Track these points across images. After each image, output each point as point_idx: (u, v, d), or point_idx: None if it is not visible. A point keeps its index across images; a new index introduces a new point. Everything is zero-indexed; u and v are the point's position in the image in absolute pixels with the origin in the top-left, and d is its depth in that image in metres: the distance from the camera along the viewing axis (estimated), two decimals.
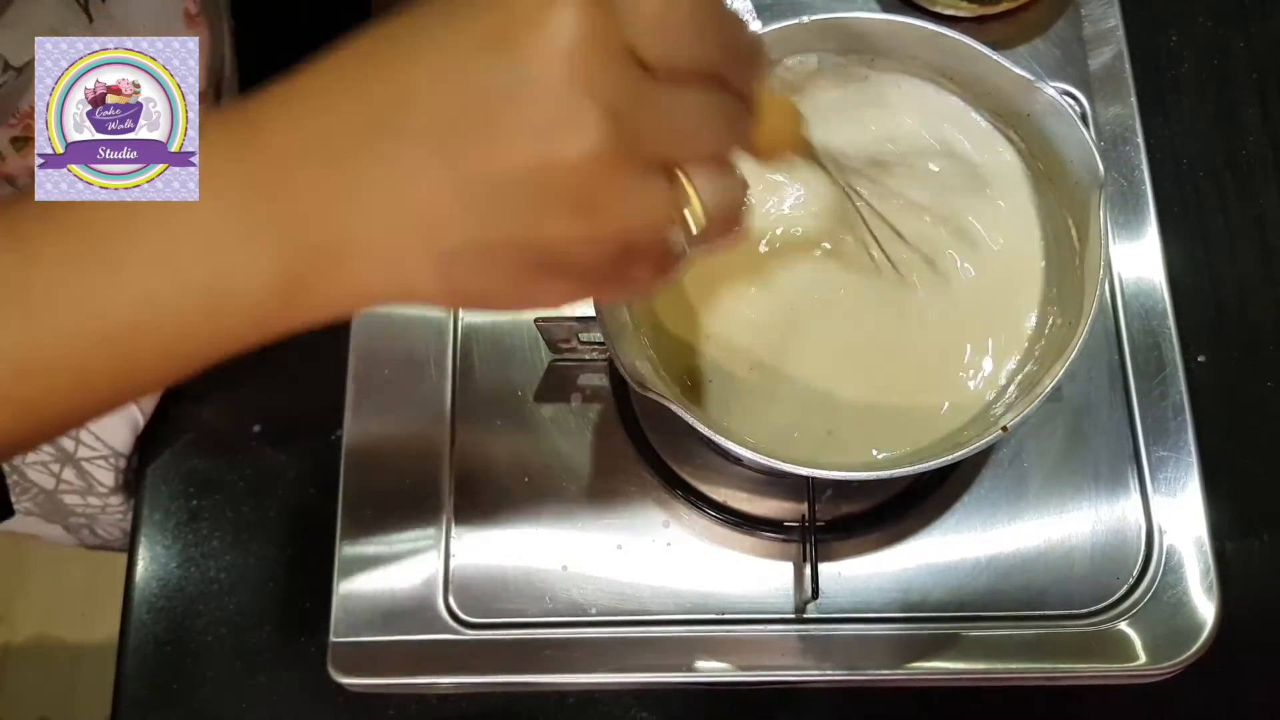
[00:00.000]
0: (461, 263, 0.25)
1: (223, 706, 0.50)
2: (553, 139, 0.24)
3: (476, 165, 0.24)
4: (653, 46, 0.25)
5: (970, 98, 0.45)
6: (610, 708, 0.49)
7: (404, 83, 0.25)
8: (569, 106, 0.24)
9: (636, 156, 0.25)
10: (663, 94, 0.25)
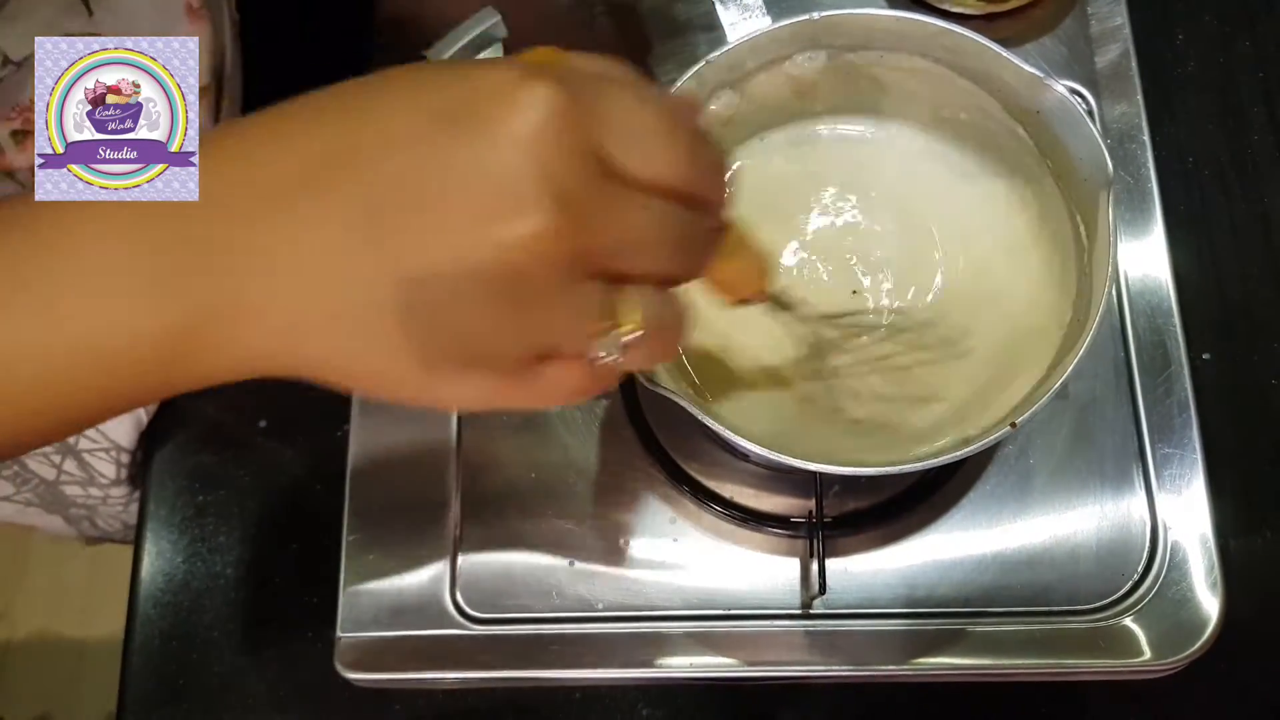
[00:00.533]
0: (363, 340, 0.23)
1: (229, 702, 0.50)
2: (492, 220, 0.22)
3: (403, 238, 0.22)
4: (624, 151, 0.23)
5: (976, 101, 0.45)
6: (616, 703, 0.49)
7: (346, 143, 0.23)
8: (518, 190, 0.22)
9: (578, 257, 0.23)
10: (622, 199, 0.23)
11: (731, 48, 0.43)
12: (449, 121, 0.22)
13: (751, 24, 0.44)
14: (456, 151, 0.22)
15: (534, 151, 0.22)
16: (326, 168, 0.23)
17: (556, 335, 0.24)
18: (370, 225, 0.22)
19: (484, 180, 0.22)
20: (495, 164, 0.22)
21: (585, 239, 0.23)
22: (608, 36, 0.57)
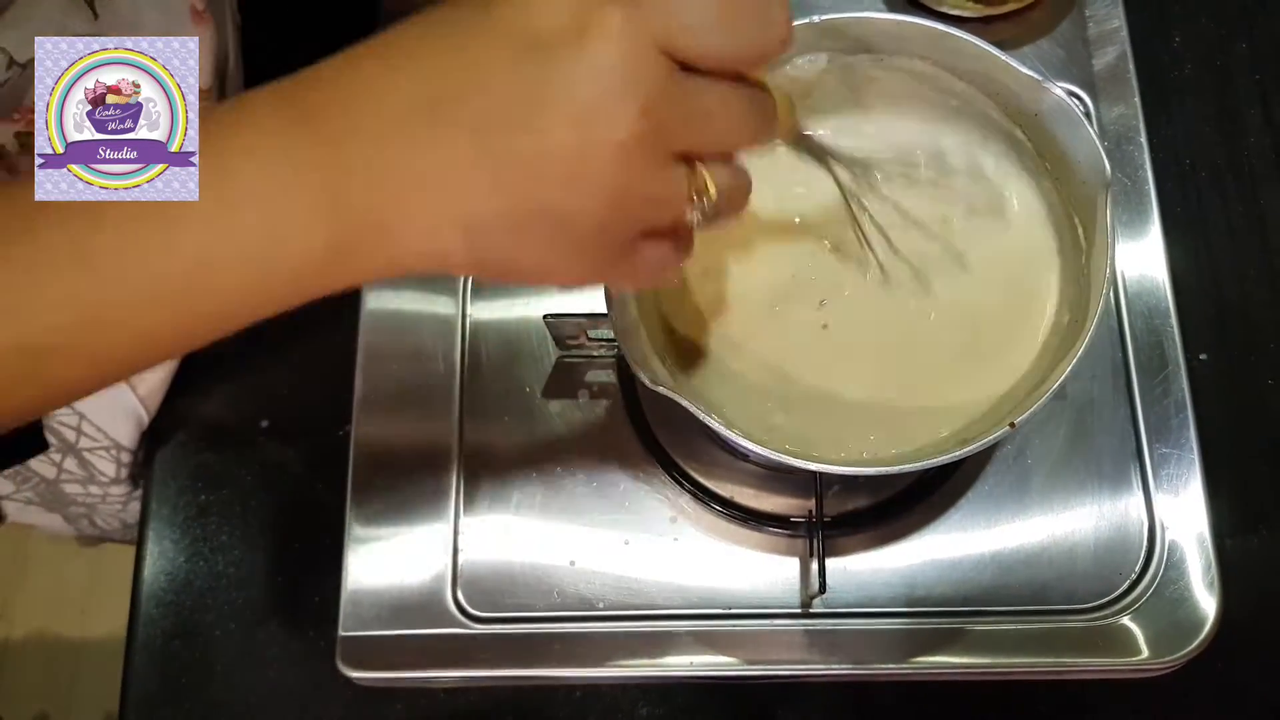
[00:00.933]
0: (491, 235, 0.27)
1: (231, 701, 0.50)
2: (589, 128, 0.26)
3: (513, 148, 0.26)
4: (689, 45, 0.27)
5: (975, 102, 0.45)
6: (617, 702, 0.49)
7: (450, 76, 0.26)
8: (608, 102, 0.26)
9: (663, 148, 0.27)
10: (691, 92, 0.27)
11: None
12: (536, 52, 0.26)
13: None
14: (548, 75, 0.26)
15: (615, 68, 0.25)
16: (436, 100, 0.26)
17: (654, 213, 0.28)
18: (486, 142, 0.26)
19: (577, 97, 0.26)
20: (584, 83, 0.26)
21: (669, 132, 0.27)
22: None
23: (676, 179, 0.28)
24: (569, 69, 0.26)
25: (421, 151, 0.26)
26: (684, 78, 0.27)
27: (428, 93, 0.26)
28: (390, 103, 0.27)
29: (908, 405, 0.45)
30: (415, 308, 0.53)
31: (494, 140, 0.26)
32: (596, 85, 0.26)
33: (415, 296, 0.54)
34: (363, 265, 0.28)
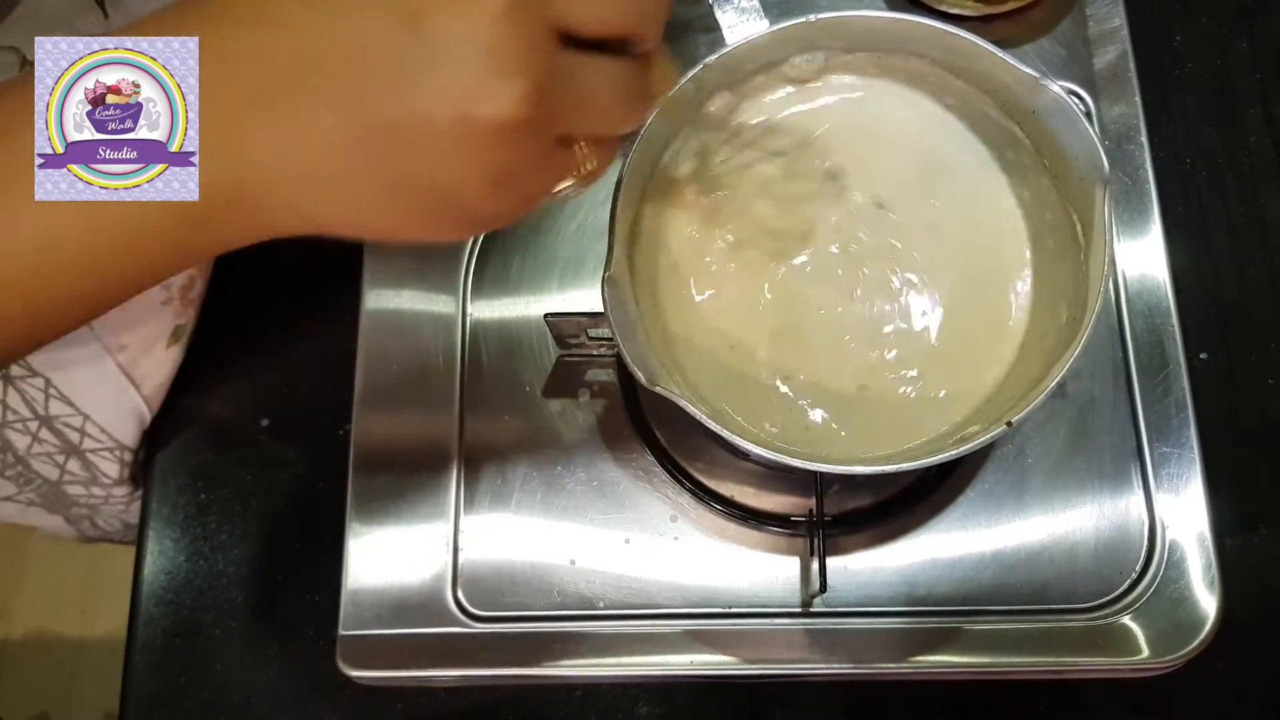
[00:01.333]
0: (359, 205, 0.27)
1: (231, 699, 0.50)
2: (468, 106, 0.24)
3: (386, 121, 0.25)
4: (573, 16, 0.26)
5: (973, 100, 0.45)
6: (617, 700, 0.49)
7: (323, 42, 0.25)
8: (489, 81, 0.24)
9: (545, 130, 0.26)
10: (575, 71, 0.26)
11: (730, 50, 0.43)
12: (415, 19, 0.24)
13: (749, 26, 0.44)
14: (427, 48, 0.24)
15: (499, 44, 0.24)
16: (310, 65, 0.25)
17: (531, 187, 0.28)
18: (356, 114, 0.25)
19: (456, 73, 0.24)
20: (465, 59, 0.24)
21: (551, 114, 0.26)
22: None
23: (555, 159, 0.28)
24: (449, 43, 0.24)
25: (288, 122, 0.25)
26: (568, 55, 0.26)
27: (299, 60, 0.25)
28: (256, 66, 0.25)
29: (906, 403, 0.45)
30: (415, 307, 0.53)
31: (365, 112, 0.25)
32: (478, 62, 0.24)
33: (415, 296, 0.54)
34: (223, 234, 0.27)
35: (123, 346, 0.48)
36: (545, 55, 0.25)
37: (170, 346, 0.51)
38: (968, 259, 0.47)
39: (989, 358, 0.45)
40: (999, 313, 0.46)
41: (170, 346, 0.51)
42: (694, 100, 0.44)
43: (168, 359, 0.51)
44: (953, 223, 0.47)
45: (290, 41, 0.25)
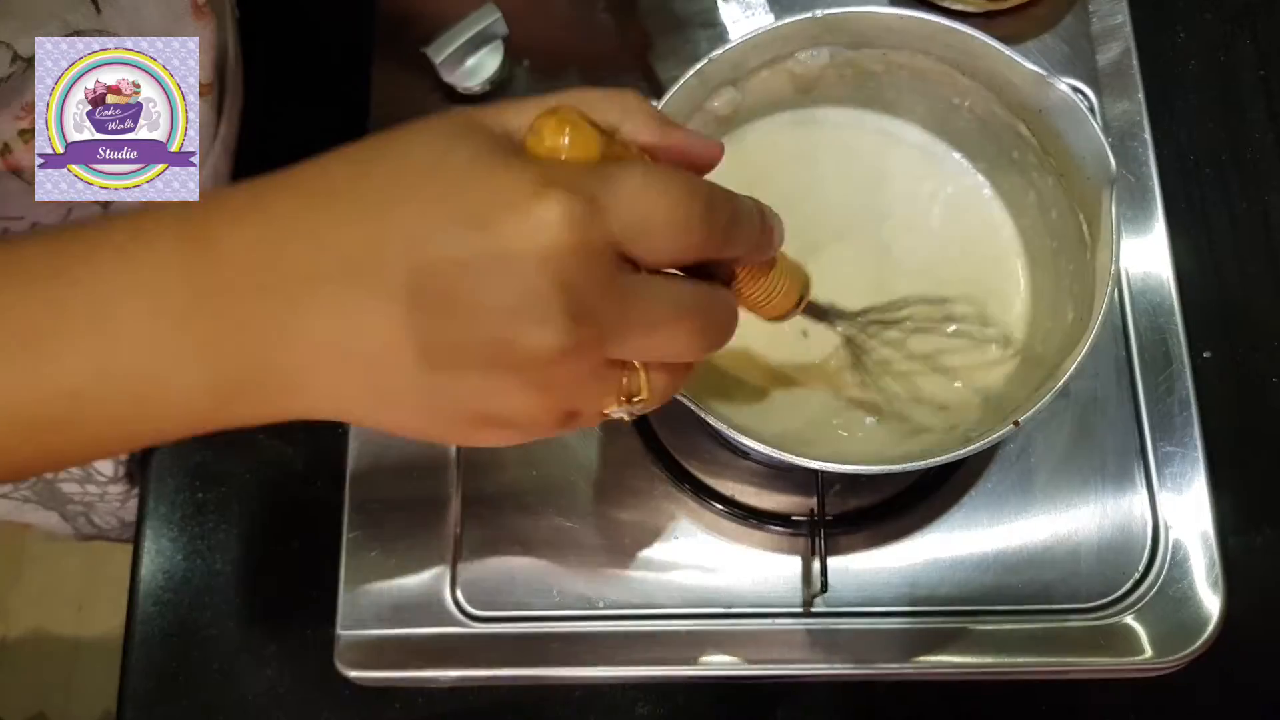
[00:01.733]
0: (403, 409, 0.26)
1: (228, 699, 0.50)
2: (520, 327, 0.24)
3: (439, 332, 0.24)
4: (634, 243, 0.24)
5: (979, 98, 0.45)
6: (617, 701, 0.49)
7: (375, 235, 0.24)
8: (540, 301, 0.23)
9: (598, 355, 0.25)
10: (636, 296, 0.25)
11: (734, 45, 0.43)
12: (468, 228, 0.23)
13: (753, 21, 0.44)
14: (478, 260, 0.23)
15: (553, 264, 0.23)
16: (357, 261, 0.24)
17: (575, 411, 0.26)
18: (408, 319, 0.24)
19: (508, 291, 0.23)
20: (516, 278, 0.23)
21: (603, 341, 0.25)
22: (608, 34, 0.57)
23: (607, 383, 0.26)
24: (501, 258, 0.23)
25: (333, 318, 0.24)
26: (630, 280, 0.24)
27: (348, 253, 0.24)
28: (304, 255, 0.24)
29: (910, 402, 0.45)
30: None
31: (419, 318, 0.24)
32: (524, 283, 0.23)
33: None
34: (254, 414, 0.26)
35: None
36: (597, 284, 0.24)
37: None
38: (970, 261, 0.47)
39: (995, 359, 0.45)
40: (1004, 314, 0.46)
41: None
42: (698, 95, 0.44)
43: None
44: (956, 226, 0.47)
45: (347, 234, 0.24)
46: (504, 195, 0.23)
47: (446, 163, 0.24)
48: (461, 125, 0.25)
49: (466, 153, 0.24)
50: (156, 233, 0.25)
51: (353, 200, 0.24)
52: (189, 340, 0.25)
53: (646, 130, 0.27)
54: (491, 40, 0.54)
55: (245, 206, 0.25)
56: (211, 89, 0.44)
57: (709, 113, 0.45)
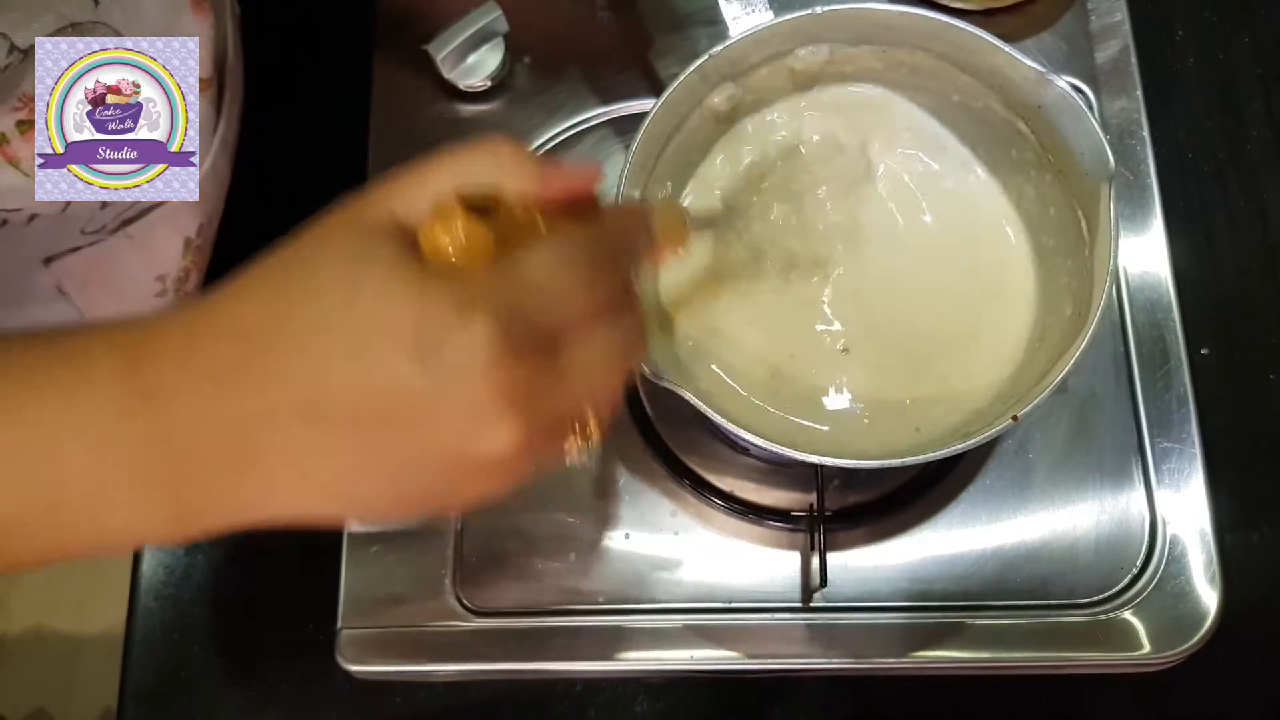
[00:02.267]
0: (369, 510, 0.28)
1: (230, 694, 0.50)
2: (474, 435, 0.25)
3: (396, 451, 0.25)
4: (555, 321, 0.26)
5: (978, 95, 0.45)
6: (617, 696, 0.49)
7: (317, 376, 0.25)
8: (489, 409, 0.25)
9: (546, 432, 0.27)
10: (571, 368, 0.26)
11: (734, 42, 0.43)
12: (405, 360, 0.24)
13: (753, 18, 0.44)
14: (421, 387, 0.25)
15: (490, 379, 0.25)
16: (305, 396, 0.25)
17: (529, 472, 0.28)
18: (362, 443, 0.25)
19: (454, 409, 0.25)
20: (461, 396, 0.25)
21: (548, 419, 0.26)
22: (609, 31, 0.57)
23: (559, 439, 0.28)
24: (442, 381, 0.24)
25: (293, 452, 0.25)
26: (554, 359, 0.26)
27: (295, 388, 0.25)
28: (254, 403, 0.25)
29: (909, 398, 0.45)
30: None
31: (373, 441, 0.25)
32: (469, 398, 0.25)
33: None
34: (210, 531, 0.27)
35: None
36: (533, 377, 0.25)
37: None
38: (969, 255, 0.47)
39: (993, 356, 0.45)
40: (1002, 310, 0.46)
41: None
42: (698, 92, 0.44)
43: None
44: (955, 223, 0.47)
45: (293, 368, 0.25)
46: (429, 325, 0.25)
47: (361, 294, 0.25)
48: (358, 237, 0.26)
49: (376, 280, 0.25)
50: (99, 376, 0.26)
51: (287, 343, 0.25)
52: (140, 481, 0.26)
53: (526, 181, 0.28)
54: (492, 37, 0.54)
55: (182, 355, 0.26)
56: (210, 85, 0.44)
57: (709, 109, 0.46)
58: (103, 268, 0.43)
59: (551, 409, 0.27)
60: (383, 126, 0.56)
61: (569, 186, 0.29)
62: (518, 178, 0.28)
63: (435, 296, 0.25)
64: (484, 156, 0.28)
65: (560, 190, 0.28)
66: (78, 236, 0.41)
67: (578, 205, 0.29)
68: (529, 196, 0.28)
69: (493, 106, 0.56)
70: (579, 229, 0.28)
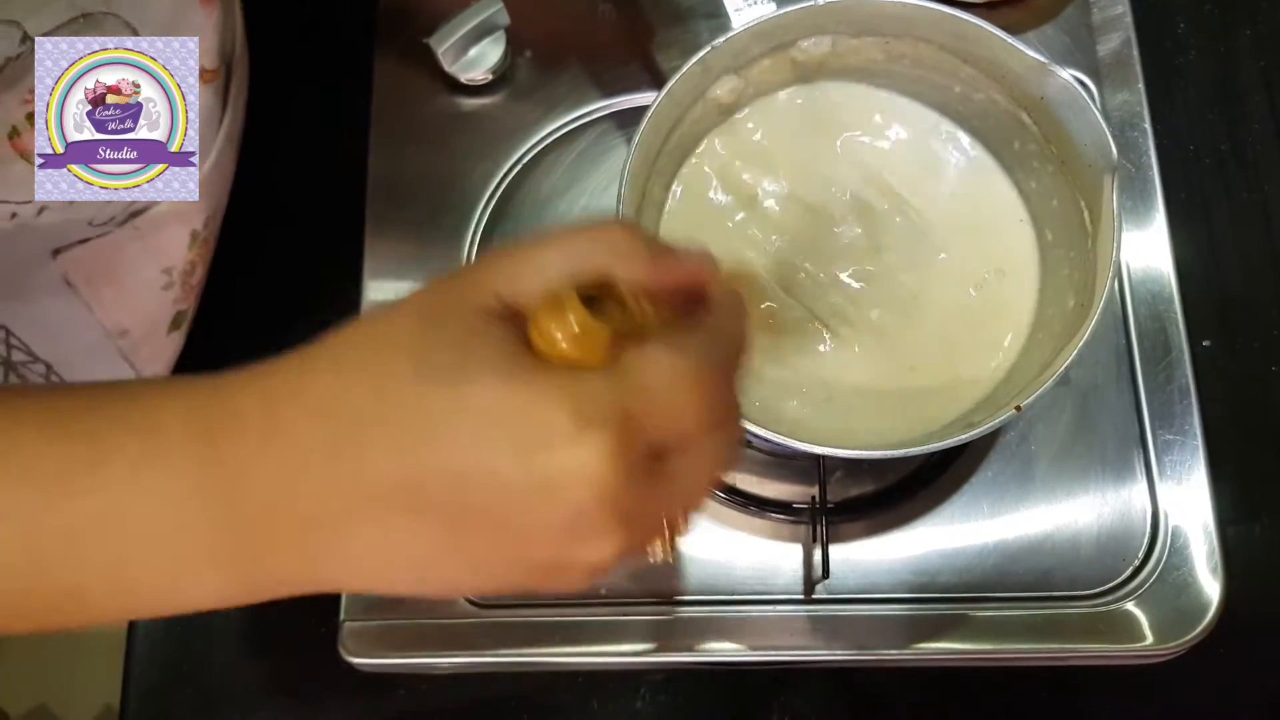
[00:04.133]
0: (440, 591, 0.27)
1: (233, 687, 0.50)
2: (575, 546, 0.24)
3: (489, 551, 0.25)
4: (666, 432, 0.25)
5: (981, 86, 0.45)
6: (619, 687, 0.49)
7: (412, 470, 0.24)
8: (593, 522, 0.24)
9: (642, 539, 0.26)
10: (671, 478, 0.26)
11: (737, 33, 0.43)
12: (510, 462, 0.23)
13: (756, 10, 0.44)
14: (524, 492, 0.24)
15: (598, 492, 0.24)
16: (397, 496, 0.24)
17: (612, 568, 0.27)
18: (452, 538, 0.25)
19: (556, 518, 0.24)
20: (565, 505, 0.24)
21: (647, 529, 0.26)
22: (610, 24, 0.57)
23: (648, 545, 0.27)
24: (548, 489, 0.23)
25: (376, 540, 0.24)
26: (668, 469, 0.25)
27: (387, 488, 0.24)
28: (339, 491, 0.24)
29: (911, 388, 0.45)
30: None
31: (464, 539, 0.24)
32: (574, 508, 0.24)
33: (416, 285, 0.53)
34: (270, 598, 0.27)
35: (124, 332, 0.47)
36: (644, 491, 0.25)
37: (171, 332, 0.50)
38: (973, 250, 0.47)
39: (996, 346, 0.45)
40: (1005, 301, 0.46)
41: (171, 332, 0.50)
42: (700, 83, 0.44)
43: (169, 345, 0.51)
44: (957, 214, 0.47)
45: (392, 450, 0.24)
46: (542, 427, 0.23)
47: (470, 383, 0.24)
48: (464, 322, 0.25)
49: (486, 371, 0.24)
50: (170, 448, 0.25)
51: (381, 426, 0.24)
52: (211, 557, 0.25)
53: (641, 271, 0.27)
54: (493, 31, 0.54)
55: (263, 430, 0.24)
56: (217, 76, 0.44)
57: (711, 100, 0.46)
58: (110, 260, 0.43)
59: (652, 518, 0.26)
60: (383, 120, 0.56)
61: (684, 281, 0.28)
62: (632, 265, 0.26)
63: (551, 398, 0.23)
64: (599, 240, 0.27)
65: (675, 282, 0.27)
66: (86, 229, 0.41)
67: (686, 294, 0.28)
68: (640, 285, 0.26)
69: (494, 100, 0.56)
70: (696, 334, 0.26)
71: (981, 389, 0.45)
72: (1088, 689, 0.50)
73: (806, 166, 0.47)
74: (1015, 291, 0.46)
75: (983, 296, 0.46)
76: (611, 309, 0.26)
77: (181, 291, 0.49)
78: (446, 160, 0.55)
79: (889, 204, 0.47)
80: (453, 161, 0.55)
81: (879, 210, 0.47)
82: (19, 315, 0.42)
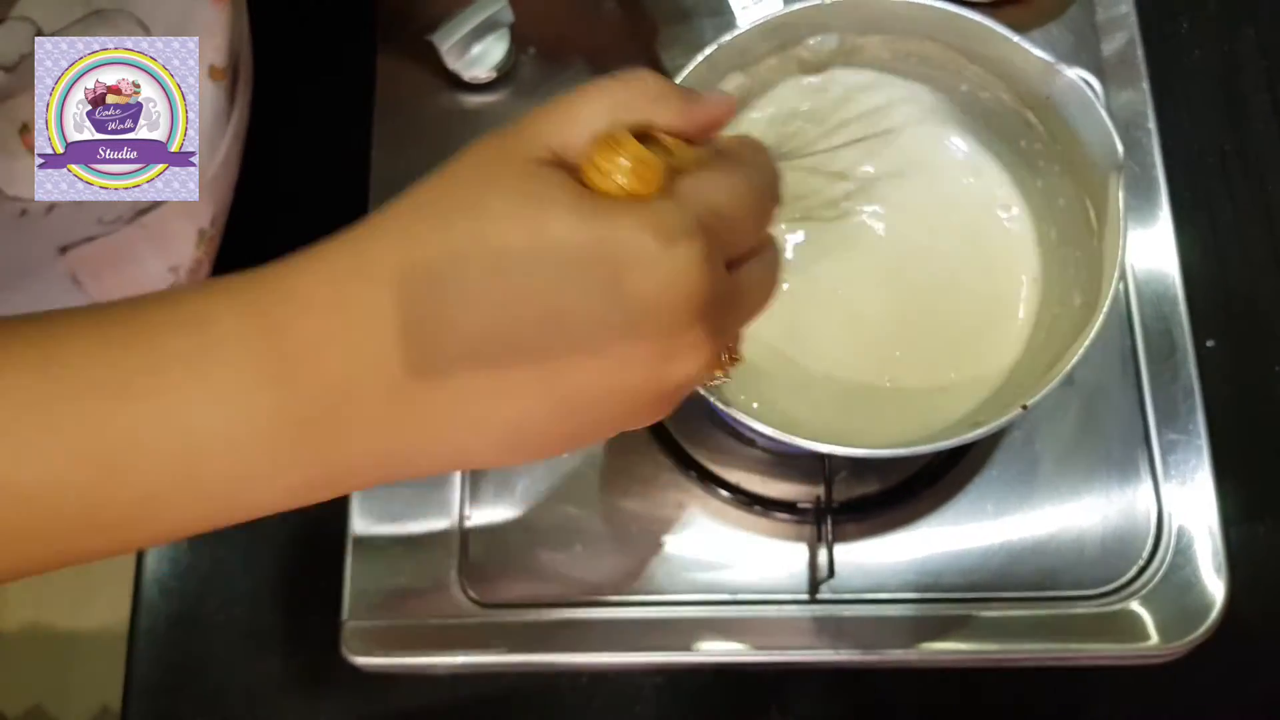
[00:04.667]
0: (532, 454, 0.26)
1: (234, 686, 0.50)
2: (666, 364, 0.25)
3: (580, 386, 0.24)
4: (739, 239, 0.26)
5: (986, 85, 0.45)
6: (623, 687, 0.49)
7: (503, 312, 0.23)
8: (686, 337, 0.24)
9: (719, 357, 0.27)
10: (742, 288, 0.27)
11: (743, 31, 0.43)
12: (608, 286, 0.23)
13: (762, 8, 0.44)
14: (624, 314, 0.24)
15: (689, 307, 0.24)
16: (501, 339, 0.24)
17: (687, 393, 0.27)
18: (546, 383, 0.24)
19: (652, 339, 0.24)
20: (660, 322, 0.24)
21: (723, 339, 0.26)
22: (614, 21, 0.57)
23: (716, 360, 0.27)
24: (647, 313, 0.23)
25: (468, 394, 0.24)
26: (736, 280, 0.26)
27: (483, 333, 0.23)
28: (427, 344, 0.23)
29: (915, 387, 0.45)
30: None
31: (563, 376, 0.24)
32: (669, 329, 0.24)
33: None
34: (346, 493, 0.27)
35: None
36: (728, 300, 0.25)
37: None
38: (978, 248, 0.47)
39: (1001, 345, 0.45)
40: (1010, 301, 0.46)
41: None
42: (707, 81, 0.44)
43: None
44: (963, 213, 0.47)
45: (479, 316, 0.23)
46: (629, 253, 0.23)
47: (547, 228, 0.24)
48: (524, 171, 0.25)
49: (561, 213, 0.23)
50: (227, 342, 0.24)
51: (461, 286, 0.23)
52: (283, 450, 0.24)
53: (677, 116, 0.27)
54: (497, 28, 0.54)
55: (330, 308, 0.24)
56: (226, 74, 0.44)
57: None
58: (117, 257, 0.43)
59: (731, 329, 0.27)
60: (386, 117, 0.56)
61: (713, 118, 0.28)
62: (668, 108, 0.27)
63: (630, 223, 0.24)
64: (635, 88, 0.27)
65: (705, 121, 0.28)
66: (94, 226, 0.41)
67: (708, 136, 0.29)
68: (675, 127, 0.27)
69: (497, 98, 0.56)
70: (737, 162, 0.27)
71: (986, 388, 0.45)
72: (1091, 689, 0.50)
73: (811, 160, 0.47)
74: (1020, 290, 0.46)
75: (987, 295, 0.46)
76: (655, 149, 0.26)
77: None
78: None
79: (892, 205, 0.47)
80: None
81: (883, 207, 0.47)
82: (26, 311, 0.42)
